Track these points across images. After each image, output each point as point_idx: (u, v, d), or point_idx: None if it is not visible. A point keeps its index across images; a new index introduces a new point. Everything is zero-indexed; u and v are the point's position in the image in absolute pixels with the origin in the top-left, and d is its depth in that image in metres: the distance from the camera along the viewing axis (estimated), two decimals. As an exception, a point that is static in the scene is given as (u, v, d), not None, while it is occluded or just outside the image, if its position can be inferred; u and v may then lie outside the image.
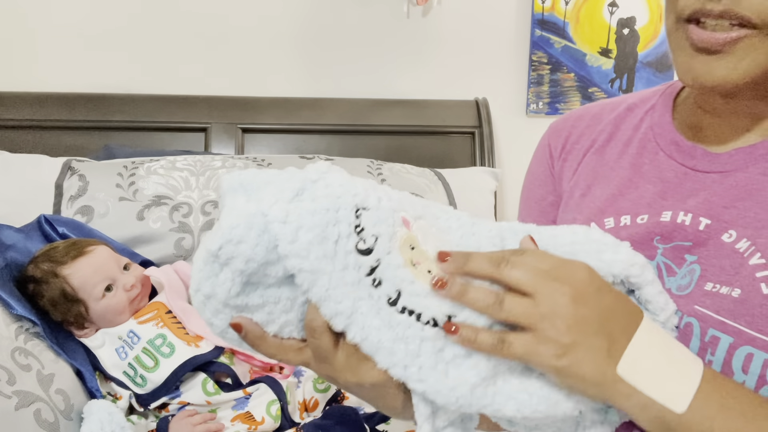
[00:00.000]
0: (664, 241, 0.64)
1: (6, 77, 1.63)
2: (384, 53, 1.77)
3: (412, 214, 0.55)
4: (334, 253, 0.48)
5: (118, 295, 1.10)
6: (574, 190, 0.76)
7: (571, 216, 0.75)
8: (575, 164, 0.78)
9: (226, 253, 0.47)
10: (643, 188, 0.69)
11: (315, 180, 0.50)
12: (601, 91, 1.83)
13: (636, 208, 0.68)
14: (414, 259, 0.51)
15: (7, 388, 0.88)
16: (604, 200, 0.71)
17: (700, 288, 0.60)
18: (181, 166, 1.38)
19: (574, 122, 0.81)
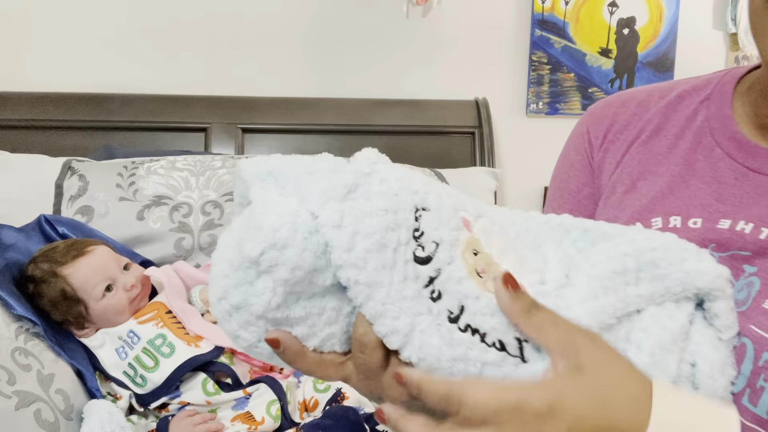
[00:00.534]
0: (720, 249, 0.58)
1: (6, 77, 1.63)
2: (384, 53, 1.77)
3: (472, 213, 0.48)
4: (393, 263, 0.42)
5: (118, 295, 1.10)
6: (617, 185, 0.68)
7: (612, 213, 0.68)
8: (618, 156, 0.70)
9: (269, 259, 0.41)
10: (695, 187, 0.62)
11: (368, 173, 0.44)
12: (601, 91, 1.83)
13: (687, 208, 0.61)
14: (478, 267, 0.45)
15: (7, 388, 0.88)
16: (651, 198, 0.64)
17: (757, 305, 0.55)
18: (181, 166, 1.38)
19: (618, 109, 0.73)
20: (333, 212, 0.41)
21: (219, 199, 1.33)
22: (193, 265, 1.26)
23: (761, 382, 0.52)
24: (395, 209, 0.43)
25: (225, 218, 1.31)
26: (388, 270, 0.42)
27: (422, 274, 0.43)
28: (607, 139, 0.72)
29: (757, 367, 0.53)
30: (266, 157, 0.46)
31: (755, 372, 0.53)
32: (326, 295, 0.44)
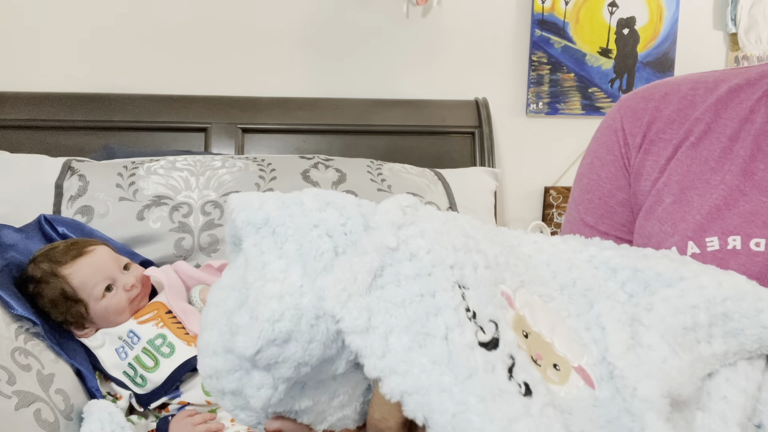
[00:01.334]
0: None
1: (6, 77, 1.63)
2: (384, 53, 1.77)
3: (511, 283, 0.40)
4: (449, 354, 0.33)
5: (118, 295, 1.10)
6: (663, 194, 0.60)
7: (659, 227, 0.59)
8: (663, 160, 0.61)
9: (268, 357, 0.33)
10: (757, 201, 0.54)
11: (395, 248, 0.37)
12: (601, 91, 1.83)
13: (748, 226, 0.53)
14: (533, 352, 0.37)
15: (7, 388, 0.88)
16: (705, 212, 0.56)
17: None
18: (181, 166, 1.37)
19: (659, 103, 0.63)
20: (358, 313, 0.33)
21: (219, 199, 1.33)
22: (193, 265, 1.26)
23: None
24: (432, 291, 0.35)
25: (225, 218, 1.30)
26: (445, 366, 0.32)
27: (497, 363, 0.33)
28: (648, 138, 0.62)
29: None
30: (261, 198, 0.38)
31: None
32: (338, 378, 0.36)
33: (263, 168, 1.40)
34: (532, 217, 1.90)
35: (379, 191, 1.41)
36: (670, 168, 0.60)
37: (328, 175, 1.42)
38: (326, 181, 1.40)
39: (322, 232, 0.37)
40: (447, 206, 1.46)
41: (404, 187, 1.44)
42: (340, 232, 0.38)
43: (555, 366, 0.37)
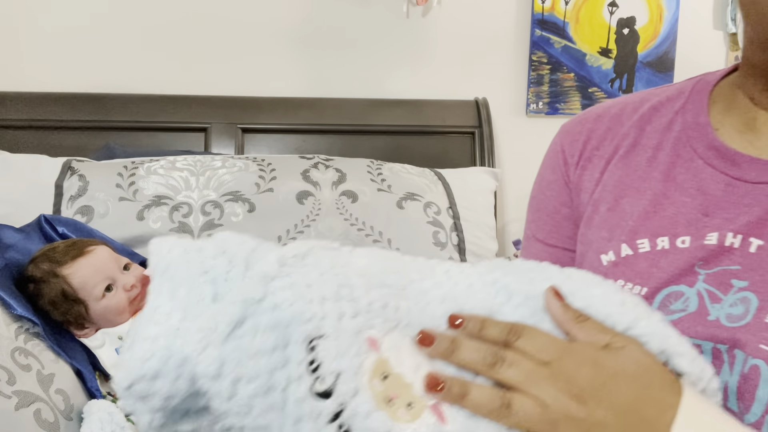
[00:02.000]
0: (707, 266, 0.56)
1: (6, 77, 1.63)
2: (384, 53, 1.77)
3: (381, 327, 0.44)
4: (283, 403, 0.39)
5: (118, 295, 1.10)
6: (599, 203, 0.67)
7: (596, 234, 0.66)
8: (597, 173, 0.68)
9: (140, 390, 0.39)
10: (680, 203, 0.60)
11: (260, 299, 0.40)
12: (601, 91, 1.83)
13: (674, 227, 0.60)
14: (389, 394, 0.41)
15: (7, 388, 0.88)
16: (636, 217, 0.62)
17: (759, 320, 0.52)
18: (181, 166, 1.37)
19: (592, 125, 0.71)
20: (211, 361, 0.38)
21: (219, 199, 1.33)
22: (193, 265, 1.26)
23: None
24: (285, 343, 0.40)
25: (225, 218, 1.31)
26: (278, 411, 0.39)
27: (324, 411, 0.39)
28: (584, 156, 0.70)
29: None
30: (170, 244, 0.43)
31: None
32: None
33: (263, 168, 1.40)
34: (532, 217, 1.90)
35: (379, 191, 1.41)
36: (603, 180, 0.67)
37: (328, 175, 1.42)
38: (326, 181, 1.40)
39: (208, 278, 0.41)
40: (447, 206, 1.46)
41: (404, 187, 1.44)
42: (222, 279, 0.42)
43: (409, 404, 0.40)
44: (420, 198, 1.43)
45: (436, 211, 1.43)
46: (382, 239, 1.34)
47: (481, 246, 1.45)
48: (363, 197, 1.39)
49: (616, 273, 0.62)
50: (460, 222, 1.44)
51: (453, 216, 1.45)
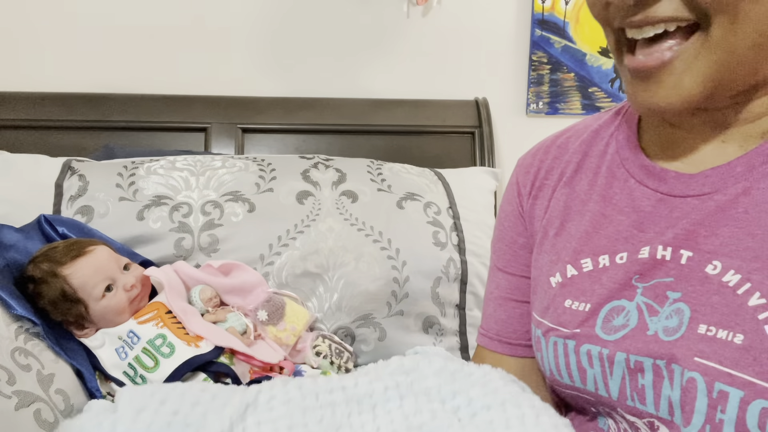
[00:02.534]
0: (643, 279, 0.59)
1: (6, 77, 1.63)
2: (384, 53, 1.77)
3: None
4: None
5: (118, 295, 1.10)
6: (548, 228, 0.71)
7: (546, 258, 0.70)
8: (546, 201, 0.72)
9: None
10: (617, 221, 0.64)
11: None
12: (601, 90, 1.83)
13: (613, 245, 0.63)
14: None
15: (7, 388, 0.88)
16: (578, 239, 0.66)
17: (693, 331, 0.54)
18: (181, 166, 1.37)
19: (543, 156, 0.75)
20: None
21: (219, 199, 1.33)
22: (193, 265, 1.26)
23: (720, 415, 0.51)
24: None
25: (225, 218, 1.31)
26: None
27: None
28: (535, 186, 0.74)
29: (712, 400, 0.51)
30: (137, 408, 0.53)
31: (712, 406, 0.52)
32: None
33: (263, 168, 1.40)
34: (532, 217, 1.90)
35: (379, 191, 1.41)
36: (551, 206, 0.71)
37: (328, 175, 1.42)
38: (326, 181, 1.40)
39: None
40: (447, 206, 1.46)
41: (404, 187, 1.44)
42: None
43: None
44: (420, 198, 1.43)
45: (436, 211, 1.43)
46: (382, 239, 1.34)
47: (481, 246, 1.45)
48: (363, 197, 1.39)
49: (564, 293, 0.65)
50: (460, 222, 1.44)
51: (453, 216, 1.45)
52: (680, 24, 0.53)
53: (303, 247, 1.30)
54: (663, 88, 0.55)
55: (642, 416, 0.58)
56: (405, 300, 1.32)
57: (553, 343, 0.65)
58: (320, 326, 1.29)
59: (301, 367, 1.18)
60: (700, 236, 0.57)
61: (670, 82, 0.54)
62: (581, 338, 0.62)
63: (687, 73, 0.54)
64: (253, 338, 1.15)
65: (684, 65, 0.54)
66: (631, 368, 0.58)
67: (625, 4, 0.54)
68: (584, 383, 0.62)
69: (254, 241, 1.30)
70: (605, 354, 0.59)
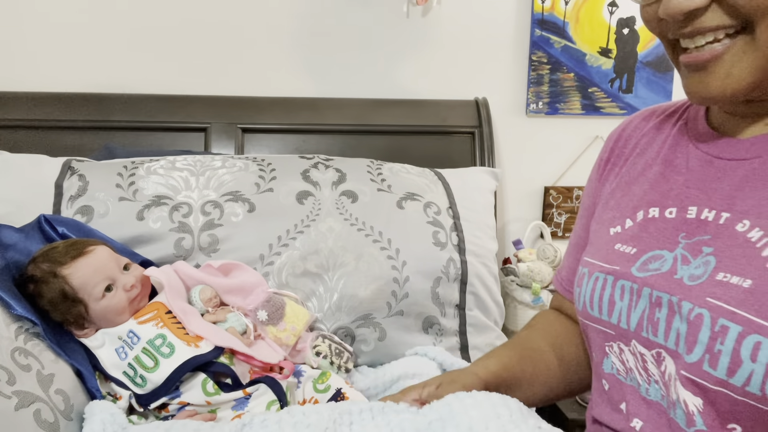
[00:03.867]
0: (687, 237, 0.67)
1: (6, 77, 1.63)
2: (384, 53, 1.77)
3: None
4: None
5: (118, 295, 1.10)
6: (616, 190, 0.81)
7: (610, 214, 0.79)
8: (618, 168, 0.83)
9: None
10: (673, 180, 0.73)
11: None
12: (601, 90, 1.83)
13: (665, 200, 0.72)
14: None
15: (7, 388, 0.88)
16: (639, 197, 0.75)
17: (712, 278, 0.62)
18: (181, 166, 1.37)
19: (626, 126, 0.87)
20: None
21: (219, 199, 1.33)
22: (193, 265, 1.26)
23: (718, 346, 0.59)
24: None
25: (225, 218, 1.31)
26: None
27: None
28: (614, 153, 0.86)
29: (713, 332, 0.59)
30: None
31: (712, 338, 0.59)
32: None
33: (263, 168, 1.40)
34: (532, 217, 1.90)
35: (379, 191, 1.41)
36: (622, 172, 0.82)
37: (328, 175, 1.42)
38: (326, 181, 1.40)
39: None
40: (447, 206, 1.46)
41: (404, 186, 1.44)
42: None
43: None
44: (420, 198, 1.43)
45: (436, 211, 1.43)
46: (382, 239, 1.34)
47: (481, 246, 1.45)
48: (363, 197, 1.39)
49: (616, 239, 0.75)
50: (460, 222, 1.44)
51: (453, 216, 1.45)
52: (727, 31, 0.61)
53: (303, 247, 1.30)
54: (715, 78, 0.62)
55: (651, 347, 0.67)
56: (405, 300, 1.32)
57: (595, 278, 0.75)
58: (320, 326, 1.29)
59: (301, 368, 1.18)
60: (738, 198, 0.64)
61: (722, 72, 0.62)
62: (619, 274, 0.72)
63: (736, 65, 0.61)
64: (253, 338, 1.15)
65: (733, 58, 0.61)
66: (652, 302, 0.67)
67: (676, 19, 0.62)
68: (610, 316, 0.72)
69: (254, 241, 1.30)
70: (635, 288, 0.69)
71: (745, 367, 0.57)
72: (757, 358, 0.56)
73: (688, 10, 0.61)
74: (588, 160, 1.87)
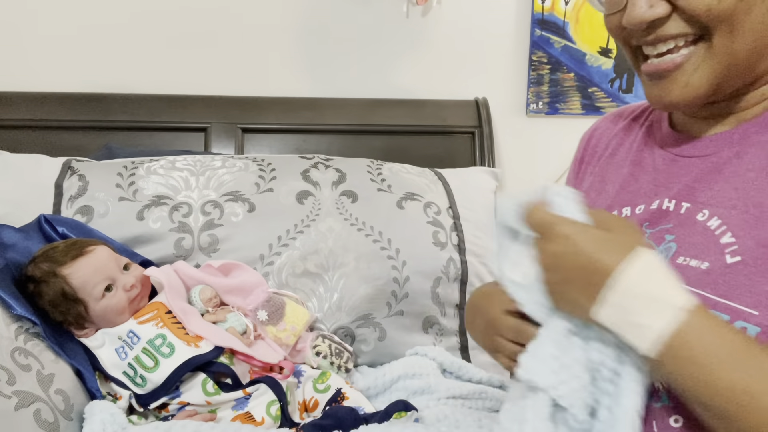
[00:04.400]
0: (651, 226, 0.71)
1: (6, 77, 1.63)
2: (384, 53, 1.77)
3: None
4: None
5: (118, 295, 1.10)
6: (590, 191, 0.84)
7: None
8: (593, 167, 0.87)
9: None
10: (642, 180, 0.76)
11: None
12: (601, 90, 1.83)
13: (635, 198, 0.75)
14: None
15: (7, 388, 0.88)
16: (612, 196, 0.79)
17: (672, 262, 0.66)
18: (181, 166, 1.37)
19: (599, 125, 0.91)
20: None
21: (219, 199, 1.33)
22: (193, 265, 1.26)
23: None
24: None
25: (225, 218, 1.31)
26: None
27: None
28: (587, 153, 0.90)
29: None
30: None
31: None
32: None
33: (263, 168, 1.40)
34: (532, 217, 1.90)
35: (379, 191, 1.41)
36: (596, 172, 0.85)
37: (328, 175, 1.42)
38: (326, 181, 1.40)
39: None
40: (447, 206, 1.46)
41: (404, 186, 1.44)
42: None
43: None
44: (420, 198, 1.43)
45: (436, 211, 1.43)
46: (382, 239, 1.34)
47: (481, 246, 1.45)
48: (363, 197, 1.39)
49: None
50: (460, 222, 1.44)
51: (453, 216, 1.45)
52: (687, 39, 0.65)
53: (303, 247, 1.30)
54: (676, 86, 0.66)
55: None
56: (405, 300, 1.32)
57: None
58: (320, 326, 1.29)
59: (301, 367, 1.18)
60: (698, 190, 0.68)
61: (682, 80, 0.66)
62: None
63: (695, 73, 0.65)
64: (253, 338, 1.15)
65: (692, 66, 0.65)
66: None
67: (639, 28, 0.67)
68: None
69: (254, 241, 1.30)
70: None
71: None
72: None
73: (651, 19, 0.65)
74: (588, 160, 1.87)
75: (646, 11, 0.65)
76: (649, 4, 0.65)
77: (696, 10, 0.62)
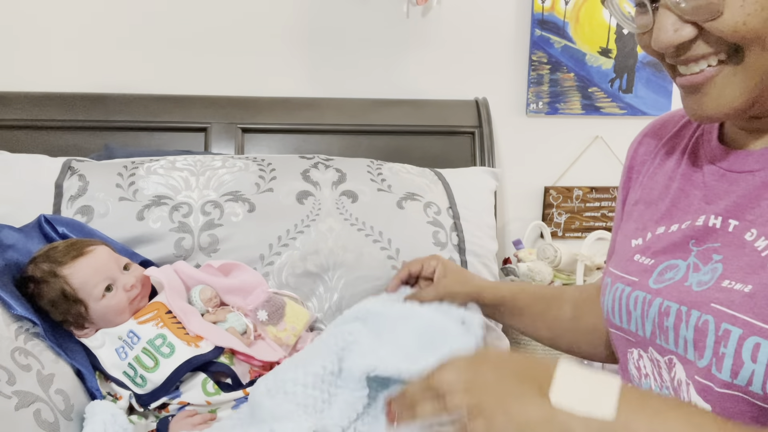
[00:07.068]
0: (698, 244, 0.71)
1: (6, 77, 1.63)
2: (384, 53, 1.77)
3: None
4: None
5: (118, 295, 1.10)
6: (639, 202, 0.85)
7: (633, 225, 0.84)
8: (643, 177, 0.87)
9: None
10: (692, 195, 0.76)
11: None
12: (601, 90, 1.83)
13: (685, 215, 0.75)
14: None
15: (7, 388, 0.88)
16: (663, 212, 0.79)
17: (718, 285, 0.65)
18: (181, 166, 1.37)
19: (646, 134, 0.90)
20: None
21: (219, 199, 1.33)
22: (193, 265, 1.26)
23: (722, 349, 0.62)
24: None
25: (225, 218, 1.31)
26: None
27: None
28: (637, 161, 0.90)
29: (718, 337, 0.62)
30: None
31: (717, 342, 0.62)
32: None
33: (263, 168, 1.40)
34: (532, 217, 1.90)
35: (379, 191, 1.41)
36: (644, 183, 0.85)
37: (328, 175, 1.42)
38: (326, 181, 1.40)
39: None
40: (447, 206, 1.46)
41: (404, 187, 1.44)
42: None
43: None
44: (420, 198, 1.43)
45: (436, 211, 1.43)
46: (382, 239, 1.34)
47: (481, 246, 1.45)
48: (363, 197, 1.39)
49: (636, 251, 0.79)
50: (460, 222, 1.44)
51: (453, 216, 1.45)
52: (719, 57, 0.64)
53: (303, 247, 1.30)
54: (709, 99, 0.66)
55: (664, 353, 0.71)
56: (405, 300, 1.32)
57: (616, 288, 0.79)
58: (320, 326, 1.29)
59: (301, 367, 1.18)
60: (746, 207, 0.67)
61: (714, 94, 0.65)
62: (636, 285, 0.76)
63: (727, 87, 0.64)
64: (253, 338, 1.15)
65: (725, 80, 0.64)
66: (661, 312, 0.70)
67: (667, 52, 0.66)
68: (629, 324, 0.76)
69: (254, 241, 1.30)
70: (648, 299, 0.73)
71: (747, 368, 0.59)
72: (757, 359, 0.58)
73: (677, 43, 0.64)
74: (588, 160, 1.87)
75: (671, 36, 0.64)
76: (674, 28, 0.64)
77: (722, 32, 0.61)
